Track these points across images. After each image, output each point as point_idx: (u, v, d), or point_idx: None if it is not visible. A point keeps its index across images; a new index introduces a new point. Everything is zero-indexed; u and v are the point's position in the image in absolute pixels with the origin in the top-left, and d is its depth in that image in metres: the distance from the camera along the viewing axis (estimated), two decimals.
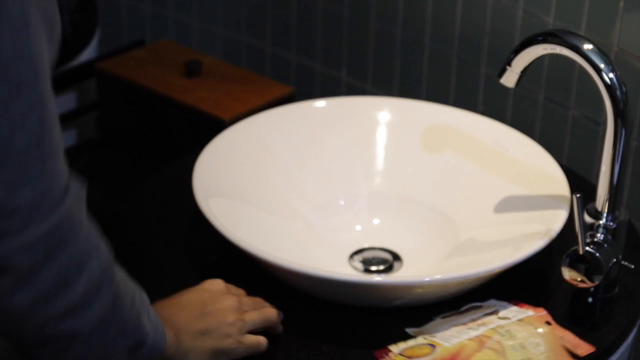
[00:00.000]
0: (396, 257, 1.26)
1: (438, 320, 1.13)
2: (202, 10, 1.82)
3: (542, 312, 1.14)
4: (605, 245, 1.14)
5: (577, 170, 1.41)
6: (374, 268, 1.25)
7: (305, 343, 1.11)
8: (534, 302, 1.15)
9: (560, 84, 1.43)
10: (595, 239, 1.14)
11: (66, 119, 1.79)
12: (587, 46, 1.11)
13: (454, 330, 1.10)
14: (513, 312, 1.14)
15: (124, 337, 0.95)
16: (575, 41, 1.11)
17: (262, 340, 1.08)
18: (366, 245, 1.28)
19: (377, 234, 1.30)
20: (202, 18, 1.82)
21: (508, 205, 1.26)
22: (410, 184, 1.33)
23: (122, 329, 0.95)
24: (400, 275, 1.24)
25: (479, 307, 1.15)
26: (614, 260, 1.15)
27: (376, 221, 1.32)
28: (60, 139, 0.88)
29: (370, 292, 1.14)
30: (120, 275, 0.96)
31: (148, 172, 1.47)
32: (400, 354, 1.08)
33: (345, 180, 1.34)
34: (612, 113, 1.12)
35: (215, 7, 1.80)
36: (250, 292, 1.15)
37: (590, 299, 1.17)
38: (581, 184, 1.32)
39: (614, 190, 1.15)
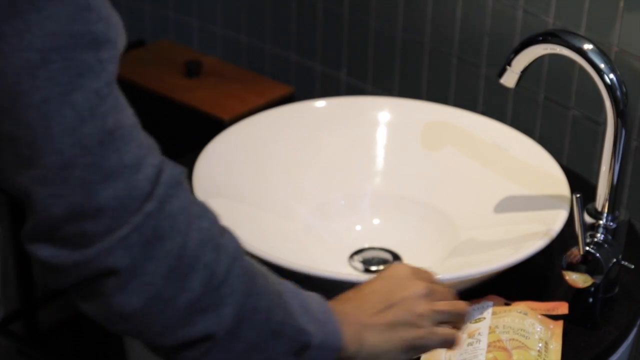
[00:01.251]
0: (396, 257, 1.26)
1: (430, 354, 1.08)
2: (202, 10, 1.82)
3: (494, 299, 1.13)
4: (605, 245, 1.14)
5: (577, 170, 1.41)
6: (374, 268, 1.25)
7: None
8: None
9: (560, 84, 1.43)
10: (595, 239, 1.14)
11: None
12: (587, 46, 1.11)
13: (460, 357, 1.06)
14: (477, 311, 1.13)
15: (277, 340, 0.86)
16: (575, 41, 1.11)
17: (455, 331, 0.97)
18: (366, 245, 1.28)
19: (377, 234, 1.30)
20: (202, 18, 1.82)
21: (508, 205, 1.26)
22: (410, 184, 1.33)
23: (272, 331, 0.86)
24: None
25: None
26: (614, 260, 1.14)
27: (376, 221, 1.32)
28: (136, 122, 0.80)
29: None
30: (260, 271, 0.87)
31: None
32: None
33: (345, 180, 1.33)
34: (612, 113, 1.12)
35: (215, 7, 1.80)
36: None
37: (590, 299, 1.17)
38: (581, 184, 1.32)
39: (614, 190, 1.15)
